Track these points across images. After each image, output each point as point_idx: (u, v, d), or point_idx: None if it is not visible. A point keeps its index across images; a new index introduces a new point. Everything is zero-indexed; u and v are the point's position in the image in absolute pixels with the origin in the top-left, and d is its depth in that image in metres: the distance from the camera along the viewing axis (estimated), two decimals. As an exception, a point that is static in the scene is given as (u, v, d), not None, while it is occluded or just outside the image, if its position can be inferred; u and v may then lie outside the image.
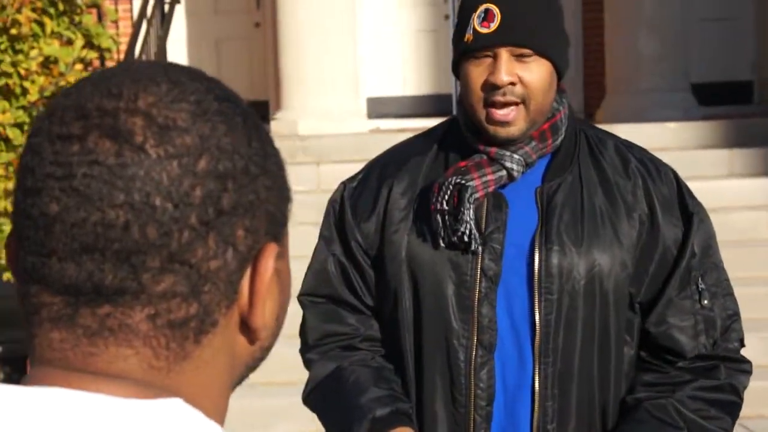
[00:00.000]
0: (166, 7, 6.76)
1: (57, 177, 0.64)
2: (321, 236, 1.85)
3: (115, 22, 6.15)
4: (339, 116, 6.52)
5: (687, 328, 1.73)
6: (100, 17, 5.73)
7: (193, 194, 0.64)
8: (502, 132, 1.69)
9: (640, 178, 1.75)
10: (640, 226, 1.73)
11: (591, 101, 7.53)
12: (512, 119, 1.68)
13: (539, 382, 1.69)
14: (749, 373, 1.76)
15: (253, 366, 0.73)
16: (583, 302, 1.69)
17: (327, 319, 1.82)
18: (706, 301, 1.74)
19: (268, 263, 0.68)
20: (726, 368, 1.74)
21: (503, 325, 1.70)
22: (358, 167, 1.91)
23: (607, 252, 1.70)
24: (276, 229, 0.70)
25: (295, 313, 1.89)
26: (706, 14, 7.61)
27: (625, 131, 6.07)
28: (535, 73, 1.68)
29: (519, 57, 1.68)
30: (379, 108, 7.67)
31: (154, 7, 6.61)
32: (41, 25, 4.97)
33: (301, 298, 1.86)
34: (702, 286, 1.74)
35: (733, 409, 1.74)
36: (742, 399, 1.75)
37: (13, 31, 4.85)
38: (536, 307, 1.69)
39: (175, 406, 0.64)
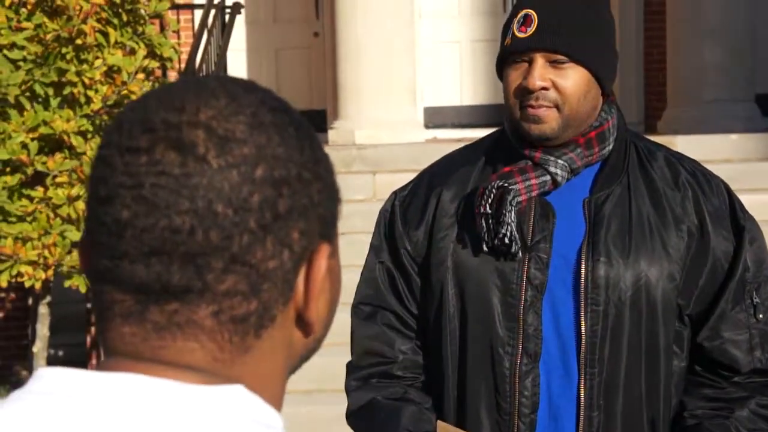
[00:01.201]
0: (227, 17, 6.88)
1: (127, 186, 0.70)
2: (371, 245, 1.89)
3: (177, 32, 6.27)
4: (396, 126, 6.56)
5: (741, 342, 1.72)
6: (162, 27, 5.85)
7: (251, 200, 0.70)
8: (536, 129, 1.71)
9: (690, 189, 1.75)
10: (689, 238, 1.73)
11: (652, 112, 7.48)
12: (544, 117, 1.70)
13: (584, 393, 1.70)
14: None
15: (306, 357, 0.78)
16: (629, 313, 1.70)
17: (371, 336, 1.85)
18: (761, 315, 1.73)
19: (321, 262, 0.74)
20: None
21: (548, 335, 1.72)
22: (414, 177, 1.95)
23: (654, 264, 1.70)
24: (328, 230, 0.76)
25: (345, 322, 1.94)
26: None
27: (686, 142, 6.04)
28: (570, 79, 1.70)
29: (554, 63, 1.70)
30: (436, 118, 7.70)
31: (215, 17, 6.73)
32: (105, 35, 5.09)
33: (353, 307, 1.90)
34: (756, 299, 1.73)
35: None
36: None
37: (79, 41, 4.97)
38: (582, 317, 1.70)
39: (237, 392, 0.70)
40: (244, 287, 0.70)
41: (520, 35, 1.72)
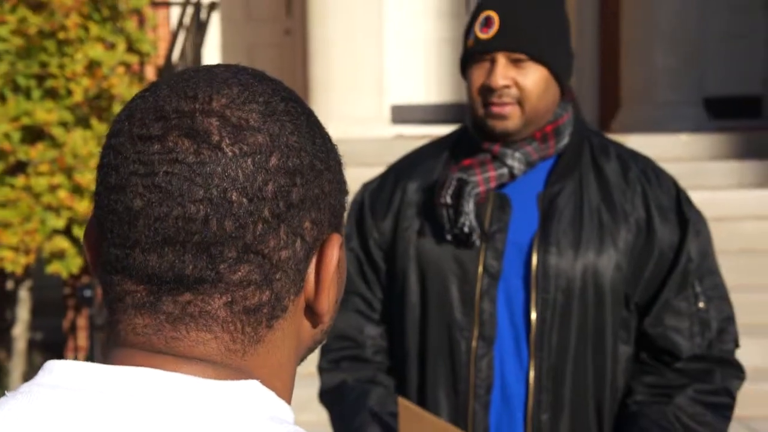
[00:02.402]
0: (203, 14, 6.83)
1: (140, 174, 0.66)
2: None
3: (155, 28, 6.21)
4: (364, 122, 6.55)
5: (683, 329, 1.75)
6: (141, 23, 5.79)
7: (266, 189, 0.66)
8: (499, 125, 1.74)
9: (639, 185, 1.78)
10: (637, 230, 1.75)
11: (606, 112, 7.53)
12: (507, 113, 1.72)
13: (534, 376, 1.72)
14: (743, 378, 1.79)
15: (312, 347, 0.75)
16: (578, 302, 1.72)
17: (342, 321, 1.86)
18: (701, 304, 1.75)
19: (333, 253, 0.71)
20: (721, 372, 1.75)
21: (503, 320, 1.74)
22: (381, 171, 1.96)
23: (603, 254, 1.73)
24: (337, 220, 0.73)
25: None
26: (720, 31, 7.60)
27: (638, 142, 6.09)
28: (530, 77, 1.72)
29: (515, 62, 1.72)
30: (402, 114, 7.70)
31: (192, 15, 6.68)
32: (86, 29, 5.04)
33: None
34: (698, 289, 1.76)
35: (727, 411, 1.76)
36: (735, 400, 1.78)
37: (61, 35, 4.91)
38: (533, 304, 1.72)
39: (252, 388, 0.66)
40: (257, 277, 0.67)
41: (483, 36, 1.73)
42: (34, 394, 0.65)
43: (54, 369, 0.66)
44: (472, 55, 1.75)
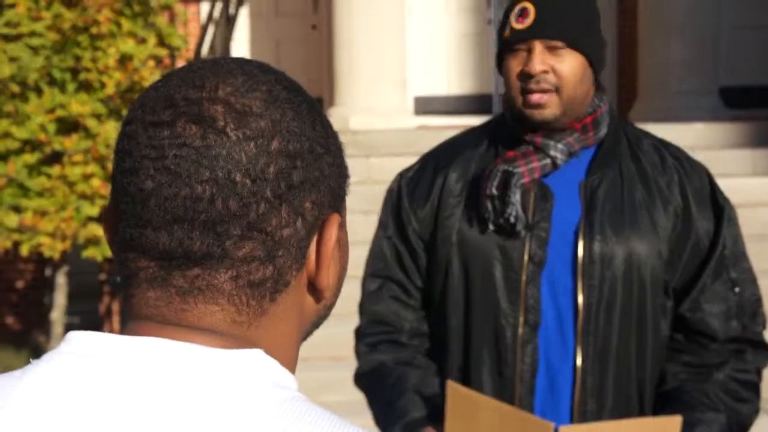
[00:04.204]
0: (231, 9, 6.84)
1: (151, 158, 0.68)
2: (379, 223, 1.89)
3: (185, 23, 6.23)
4: (388, 113, 6.54)
5: (720, 313, 1.75)
6: (172, 18, 5.81)
7: (267, 171, 0.69)
8: (537, 115, 1.72)
9: (676, 174, 1.77)
10: (675, 218, 1.75)
11: (624, 102, 7.49)
12: (545, 102, 1.71)
13: (581, 359, 1.72)
14: None
15: (317, 323, 0.77)
16: (622, 287, 1.71)
17: (379, 306, 1.85)
18: (737, 288, 1.76)
19: (332, 232, 0.73)
20: (753, 352, 1.77)
21: (546, 306, 1.73)
22: (405, 160, 1.94)
23: (644, 241, 1.72)
24: (337, 202, 0.74)
25: (343, 295, 1.92)
26: (735, 22, 7.51)
27: (655, 131, 5.99)
28: (567, 63, 1.70)
29: (552, 49, 1.70)
30: (425, 106, 7.68)
31: (221, 10, 6.70)
32: (118, 25, 5.06)
33: (363, 279, 1.90)
34: (733, 274, 1.76)
35: (758, 389, 1.78)
36: (761, 378, 1.79)
37: (93, 31, 4.94)
38: (579, 291, 1.71)
39: (256, 356, 0.69)
40: (261, 253, 0.69)
41: (519, 26, 1.72)
42: (54, 361, 0.69)
43: (74, 339, 0.70)
44: (508, 45, 1.74)
